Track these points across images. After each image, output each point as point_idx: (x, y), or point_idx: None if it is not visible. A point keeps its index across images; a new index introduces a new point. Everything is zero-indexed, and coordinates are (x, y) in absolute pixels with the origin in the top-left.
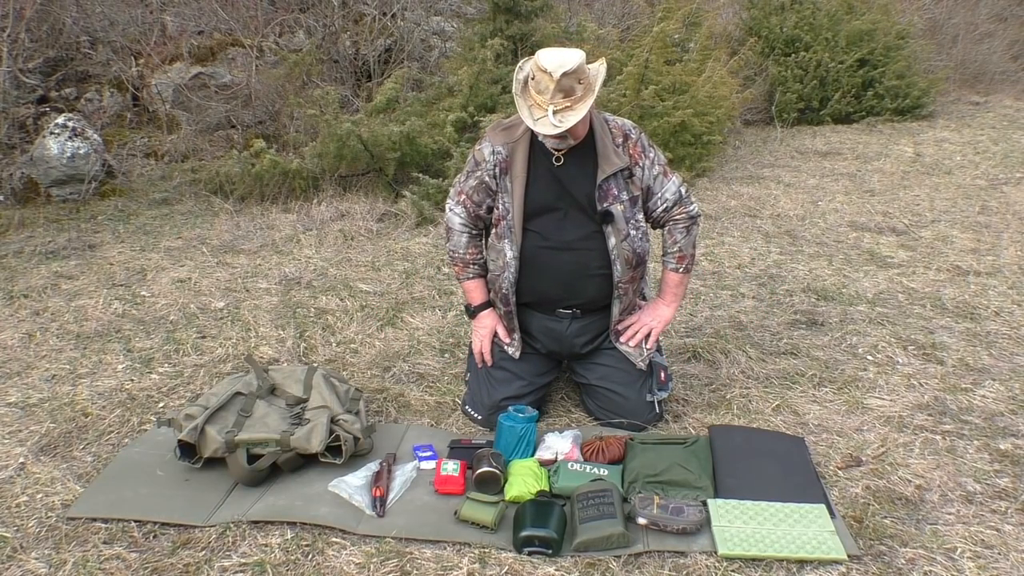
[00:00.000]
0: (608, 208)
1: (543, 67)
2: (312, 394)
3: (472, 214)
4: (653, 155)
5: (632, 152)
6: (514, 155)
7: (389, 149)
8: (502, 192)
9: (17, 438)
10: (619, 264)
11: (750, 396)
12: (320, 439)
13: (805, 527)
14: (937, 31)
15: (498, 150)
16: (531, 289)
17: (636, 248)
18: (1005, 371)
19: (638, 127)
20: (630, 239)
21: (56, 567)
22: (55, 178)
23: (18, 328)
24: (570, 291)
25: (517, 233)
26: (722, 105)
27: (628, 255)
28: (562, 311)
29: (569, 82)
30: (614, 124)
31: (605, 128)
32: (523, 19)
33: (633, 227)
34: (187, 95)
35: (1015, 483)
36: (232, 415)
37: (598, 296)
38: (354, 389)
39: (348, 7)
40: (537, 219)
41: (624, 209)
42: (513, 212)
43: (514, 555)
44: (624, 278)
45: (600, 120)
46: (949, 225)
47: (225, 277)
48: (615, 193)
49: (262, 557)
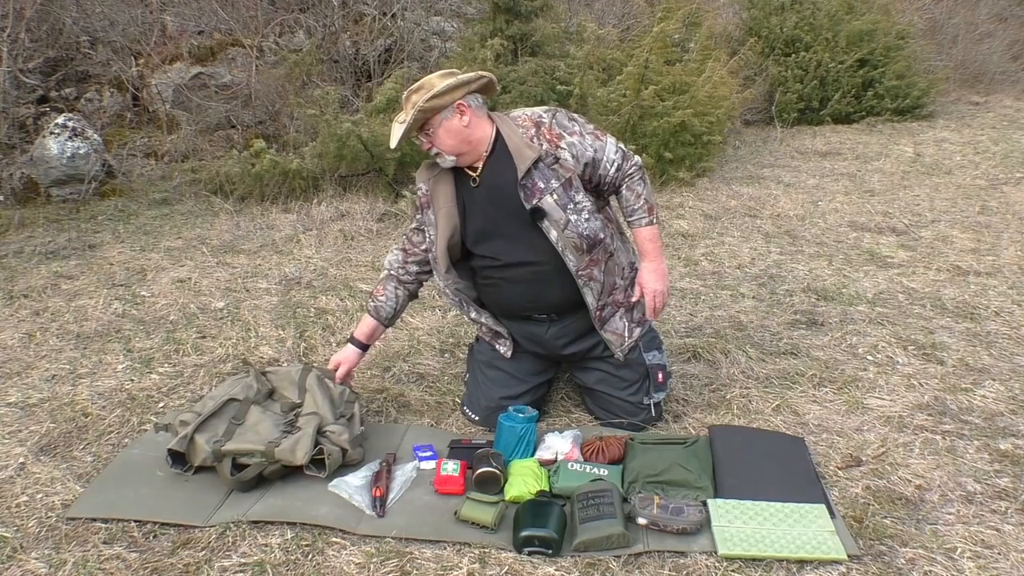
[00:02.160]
0: (537, 204)
1: (404, 95)
2: (306, 398)
3: (408, 259)
4: (578, 128)
5: (549, 136)
6: (435, 189)
7: (389, 149)
8: (427, 226)
9: (17, 438)
10: (569, 253)
11: (750, 396)
12: (304, 452)
13: (805, 527)
14: (937, 31)
15: (420, 187)
16: (497, 304)
17: (582, 231)
18: (1005, 371)
19: (552, 109)
20: (572, 225)
21: (56, 567)
22: (55, 178)
23: (18, 328)
24: (534, 301)
25: (442, 263)
26: (722, 105)
27: (575, 241)
28: (537, 316)
29: (414, 98)
30: (522, 117)
31: (512, 127)
32: (523, 19)
33: (572, 212)
34: (187, 95)
35: (1015, 483)
36: (224, 423)
37: (566, 297)
38: (349, 391)
39: (348, 7)
40: (482, 245)
41: (557, 198)
42: (437, 243)
43: (514, 555)
44: (580, 265)
45: (506, 121)
46: (949, 225)
47: (225, 277)
48: (541, 186)
49: (262, 557)
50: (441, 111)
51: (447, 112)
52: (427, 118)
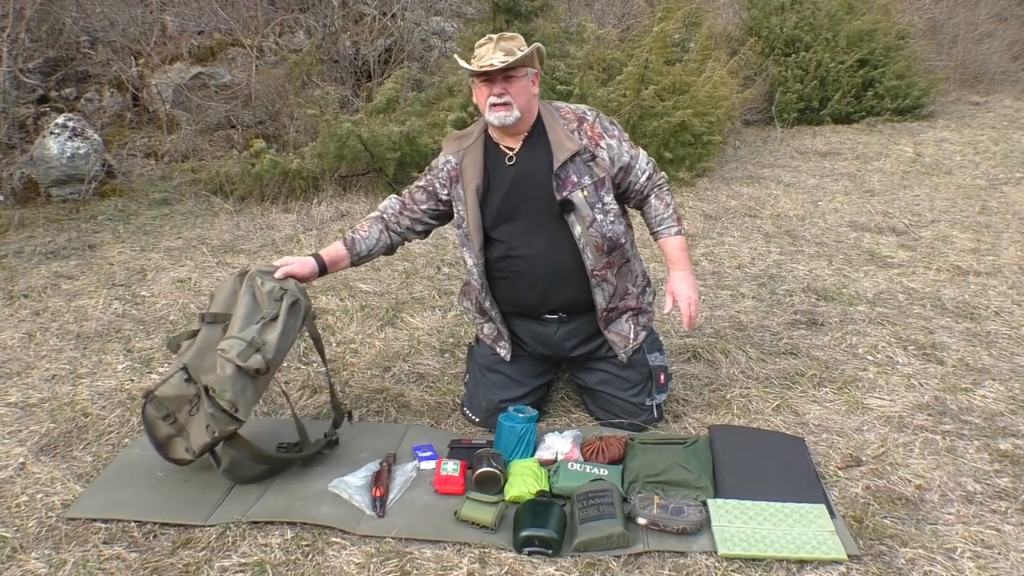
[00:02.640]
0: (567, 197)
1: (483, 41)
2: (232, 314)
3: (404, 211)
4: (617, 132)
5: (591, 133)
6: (465, 162)
7: (389, 149)
8: (456, 201)
9: (17, 438)
10: (589, 252)
11: (750, 396)
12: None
13: (805, 527)
14: (937, 31)
15: (448, 159)
16: (507, 299)
17: (606, 232)
18: (1005, 371)
19: (595, 110)
20: (597, 224)
21: (56, 567)
22: (55, 178)
23: (18, 328)
24: (546, 297)
25: (475, 241)
26: (722, 105)
27: (598, 240)
28: (548, 316)
29: (508, 45)
30: (566, 110)
31: (555, 116)
32: (523, 19)
33: (599, 211)
34: (187, 95)
35: (1015, 483)
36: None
37: (578, 296)
38: (278, 288)
39: (348, 7)
40: (500, 228)
41: (587, 195)
42: (468, 219)
43: (514, 555)
44: (597, 265)
45: (549, 109)
46: (949, 225)
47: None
48: (575, 180)
49: (262, 557)
50: (529, 66)
51: (531, 71)
52: (523, 64)
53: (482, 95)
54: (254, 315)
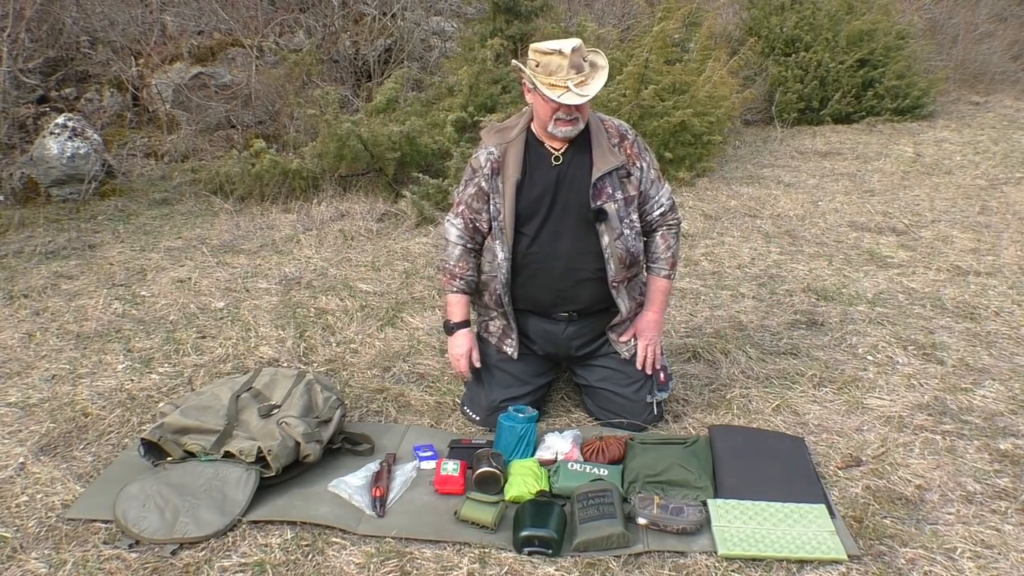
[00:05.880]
0: (601, 206)
1: (552, 48)
2: (286, 402)
3: (470, 226)
4: (649, 159)
5: (629, 152)
6: (507, 156)
7: (389, 149)
8: (493, 193)
9: (17, 438)
10: (613, 263)
11: (750, 396)
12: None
13: (805, 527)
14: (937, 31)
15: (491, 151)
16: (524, 296)
17: (630, 247)
18: (1005, 371)
19: (634, 130)
20: (624, 238)
21: (56, 567)
22: (55, 178)
23: (18, 328)
24: (563, 296)
25: (508, 234)
26: (722, 105)
27: (622, 254)
28: (559, 314)
29: (577, 58)
30: (610, 124)
31: (600, 127)
32: (523, 19)
33: (627, 226)
34: (187, 95)
35: (1015, 483)
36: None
37: (593, 300)
38: (335, 399)
39: (348, 7)
40: (530, 223)
41: (618, 208)
42: (504, 212)
43: (514, 555)
44: (618, 277)
45: (596, 121)
46: (949, 225)
47: (225, 277)
48: (609, 192)
49: (262, 557)
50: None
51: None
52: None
53: (547, 109)
54: (310, 412)
